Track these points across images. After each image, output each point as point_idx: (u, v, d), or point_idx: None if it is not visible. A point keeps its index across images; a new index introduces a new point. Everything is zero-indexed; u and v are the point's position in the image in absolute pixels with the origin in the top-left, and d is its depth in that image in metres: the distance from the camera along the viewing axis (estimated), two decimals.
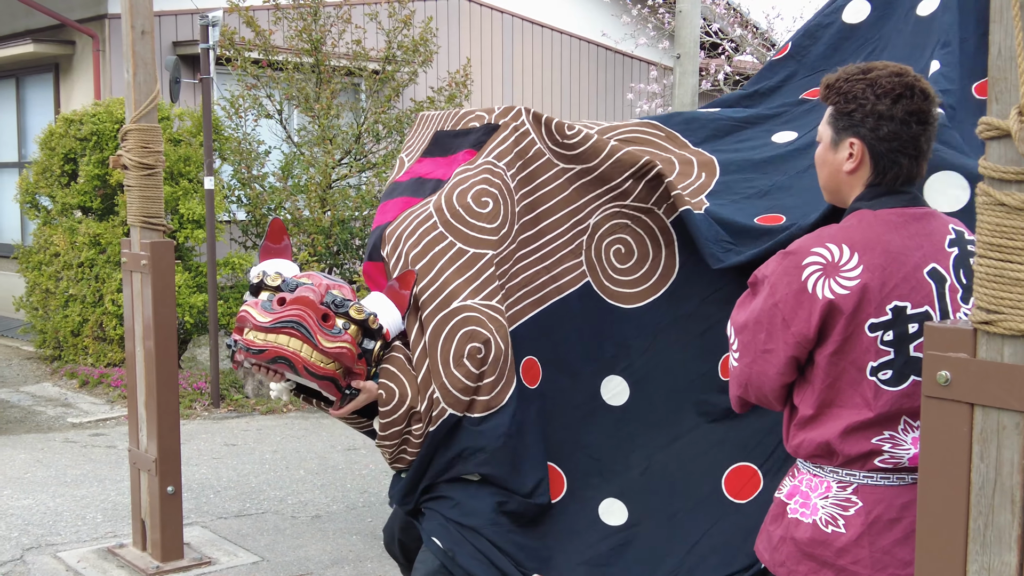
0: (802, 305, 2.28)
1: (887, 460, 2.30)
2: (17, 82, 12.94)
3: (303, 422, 8.59)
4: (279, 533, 5.74)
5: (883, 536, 2.29)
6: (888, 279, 2.26)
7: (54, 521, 5.85)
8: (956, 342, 1.86)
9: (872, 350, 2.27)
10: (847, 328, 2.26)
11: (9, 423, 8.32)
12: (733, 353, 2.47)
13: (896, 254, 2.29)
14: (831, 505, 2.34)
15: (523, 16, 14.96)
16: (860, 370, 2.28)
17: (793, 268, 2.31)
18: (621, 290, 3.78)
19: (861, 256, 2.27)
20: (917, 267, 2.30)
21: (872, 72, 2.35)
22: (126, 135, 5.03)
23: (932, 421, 1.89)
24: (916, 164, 2.37)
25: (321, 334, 3.30)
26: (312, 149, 10.21)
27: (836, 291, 2.25)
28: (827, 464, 2.36)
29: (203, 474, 6.88)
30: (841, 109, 2.38)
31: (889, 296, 2.26)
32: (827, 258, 2.28)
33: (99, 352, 9.76)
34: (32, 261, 10.55)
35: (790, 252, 2.34)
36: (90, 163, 9.65)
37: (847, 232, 2.32)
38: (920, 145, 2.36)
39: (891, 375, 2.28)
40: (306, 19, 10.19)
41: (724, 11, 14.94)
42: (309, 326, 3.29)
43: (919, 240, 2.33)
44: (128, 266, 5.19)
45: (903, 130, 2.33)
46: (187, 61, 11.15)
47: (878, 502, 2.30)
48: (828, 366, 2.30)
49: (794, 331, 2.30)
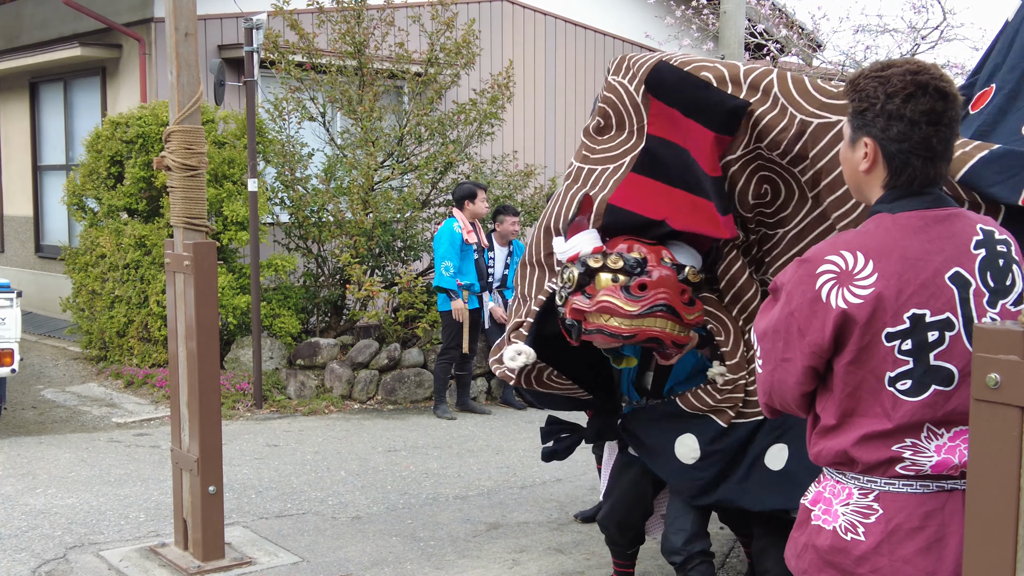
0: (816, 315, 2.24)
1: (908, 467, 2.23)
2: (65, 85, 13.10)
3: (344, 423, 8.62)
4: (319, 534, 5.75)
5: (904, 545, 2.23)
6: (905, 287, 2.20)
7: (97, 520, 5.90)
8: (1006, 344, 1.82)
9: (890, 360, 2.20)
10: (862, 338, 2.20)
11: (55, 423, 8.41)
12: (757, 360, 2.43)
13: (914, 260, 2.21)
14: (852, 512, 2.29)
15: (565, 18, 14.93)
16: (879, 380, 2.22)
17: (808, 277, 2.25)
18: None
19: (876, 264, 2.21)
20: (937, 272, 2.22)
21: (888, 69, 2.29)
22: (169, 136, 5.06)
23: (981, 424, 1.84)
24: (932, 165, 2.28)
25: (683, 310, 3.65)
26: (355, 151, 10.24)
27: (850, 300, 2.20)
28: (849, 471, 2.31)
29: (245, 474, 6.91)
30: (856, 108, 2.33)
31: (906, 304, 2.19)
32: (841, 266, 2.22)
33: (144, 353, 9.85)
34: (79, 262, 10.67)
35: (806, 260, 2.29)
36: (136, 165, 9.75)
37: (863, 239, 2.26)
38: (933, 146, 2.26)
39: (910, 385, 2.21)
40: (349, 22, 10.22)
41: (769, 12, 14.83)
42: (675, 306, 3.62)
43: (940, 244, 2.25)
44: (171, 267, 5.22)
45: (913, 131, 2.25)
46: (232, 64, 11.23)
47: (900, 510, 2.24)
48: (846, 375, 2.25)
49: (809, 340, 2.25)
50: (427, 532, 5.80)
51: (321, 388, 9.45)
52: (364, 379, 9.45)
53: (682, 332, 3.68)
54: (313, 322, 10.29)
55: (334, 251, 9.99)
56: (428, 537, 5.71)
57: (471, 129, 10.70)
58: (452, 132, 10.61)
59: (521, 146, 13.83)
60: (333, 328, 10.20)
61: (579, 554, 5.49)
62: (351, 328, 10.05)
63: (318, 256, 10.31)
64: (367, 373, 9.48)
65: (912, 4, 13.89)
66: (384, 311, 9.88)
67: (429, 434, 8.33)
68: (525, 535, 5.80)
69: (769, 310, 2.39)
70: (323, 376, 9.50)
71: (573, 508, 6.28)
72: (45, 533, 5.65)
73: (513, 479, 6.98)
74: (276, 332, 9.49)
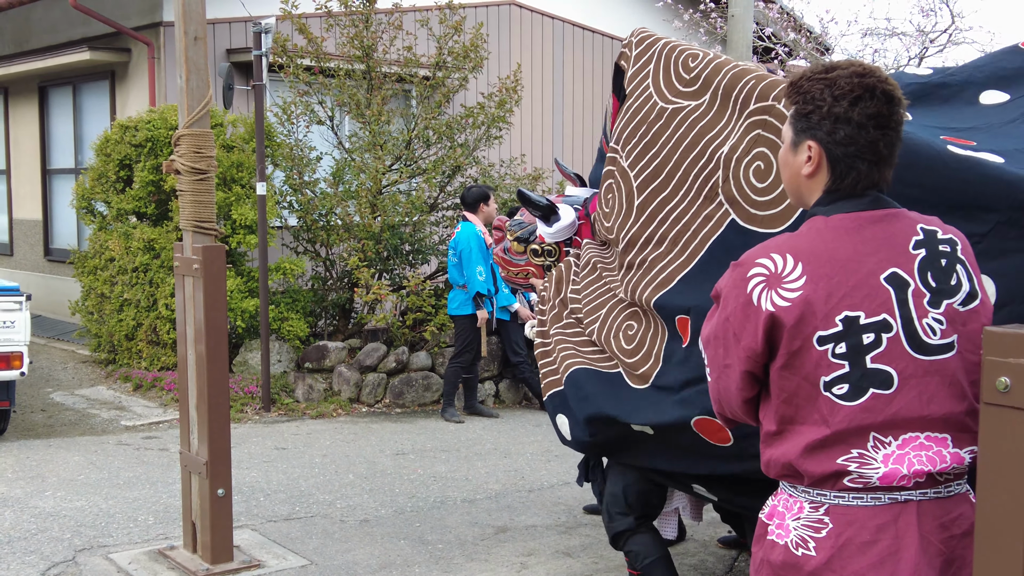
0: (748, 318, 2.20)
1: (855, 480, 2.16)
2: (74, 89, 13.14)
3: (352, 427, 8.63)
4: (327, 537, 5.75)
5: (855, 560, 2.15)
6: (835, 289, 2.14)
7: (106, 523, 5.91)
8: (1016, 347, 1.81)
9: (824, 364, 2.15)
10: (791, 342, 2.16)
11: (64, 425, 8.43)
12: (705, 368, 2.40)
13: (845, 261, 2.17)
14: (802, 527, 2.22)
15: (573, 21, 14.94)
16: (814, 385, 2.16)
17: (740, 280, 2.22)
18: (763, 212, 3.48)
19: (805, 266, 2.16)
20: (872, 273, 2.17)
21: (834, 72, 2.24)
22: (179, 140, 5.07)
23: (991, 428, 1.84)
24: (876, 169, 2.23)
25: (498, 245, 5.07)
26: (363, 155, 10.26)
27: (777, 303, 2.15)
28: (799, 484, 2.25)
29: (253, 477, 6.92)
30: (800, 110, 2.28)
31: (838, 307, 2.14)
32: (770, 269, 2.18)
33: (153, 356, 9.86)
34: (88, 266, 10.70)
35: (739, 264, 2.25)
36: (145, 169, 9.77)
37: (794, 241, 2.23)
38: (879, 150, 2.22)
39: (847, 389, 2.14)
40: (358, 26, 10.24)
41: (777, 15, 14.82)
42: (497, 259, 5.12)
43: (875, 245, 2.20)
44: (180, 270, 5.23)
45: (860, 134, 2.20)
46: (240, 68, 11.25)
47: (850, 524, 2.17)
48: (781, 380, 2.20)
49: (744, 345, 2.21)
50: (435, 535, 5.80)
51: (329, 391, 9.46)
52: (372, 382, 9.45)
53: (511, 274, 4.99)
54: (321, 325, 10.30)
55: (342, 254, 10.00)
56: (436, 540, 5.72)
57: (479, 133, 10.71)
58: (460, 136, 10.61)
59: (529, 149, 13.83)
60: (341, 331, 10.21)
61: (587, 557, 5.49)
62: (359, 331, 10.05)
63: (326, 259, 10.32)
64: (375, 376, 9.49)
65: (921, 8, 13.86)
66: (392, 314, 9.89)
67: (437, 437, 8.33)
68: (533, 538, 5.80)
69: (712, 317, 2.36)
70: (331, 379, 9.50)
71: (581, 512, 6.28)
72: (54, 536, 5.67)
73: (521, 482, 6.98)
74: (284, 335, 9.51)
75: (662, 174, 3.84)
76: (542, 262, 4.78)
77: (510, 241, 4.98)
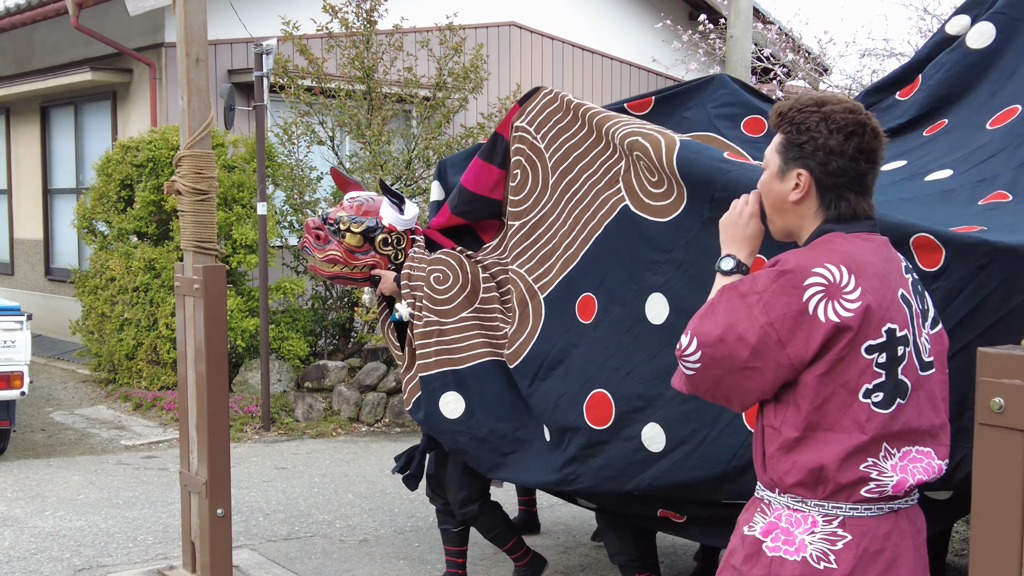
0: (801, 326, 2.23)
1: (873, 489, 2.25)
2: (76, 109, 13.19)
3: (352, 446, 8.62)
4: (327, 557, 5.75)
5: (870, 569, 2.25)
6: (882, 300, 2.24)
7: (105, 543, 5.91)
8: (1010, 368, 1.83)
9: (868, 372, 2.23)
10: (843, 349, 2.22)
11: (64, 445, 8.43)
12: (691, 362, 2.34)
13: (883, 276, 2.28)
14: (820, 540, 2.27)
15: (573, 42, 15.00)
16: (852, 392, 2.23)
17: (791, 288, 2.24)
18: (654, 203, 3.80)
19: (858, 277, 2.24)
20: (895, 289, 2.30)
21: (826, 106, 2.34)
22: (180, 161, 5.10)
23: (985, 449, 1.85)
24: (862, 200, 2.36)
25: (316, 250, 4.93)
26: (363, 175, 10.29)
27: (842, 315, 2.21)
28: (810, 496, 2.29)
29: (253, 497, 6.92)
30: (792, 139, 2.36)
31: (884, 318, 2.24)
32: (829, 279, 2.23)
33: (153, 375, 9.87)
34: (88, 285, 10.71)
35: (787, 271, 2.26)
36: (146, 189, 9.80)
37: (839, 255, 2.27)
38: (866, 183, 2.36)
39: (882, 397, 2.24)
40: (358, 47, 10.29)
41: (776, 36, 14.86)
42: (310, 247, 4.96)
43: (890, 265, 2.33)
44: (181, 290, 5.25)
45: (852, 167, 2.32)
46: (241, 89, 11.30)
47: (864, 534, 2.26)
48: (818, 386, 2.24)
49: (790, 352, 2.24)
50: (435, 555, 5.80)
51: (329, 411, 9.46)
52: (372, 402, 9.45)
53: (321, 266, 4.96)
54: (321, 345, 10.31)
55: None
56: (436, 560, 5.71)
57: None
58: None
59: None
60: (341, 351, 10.22)
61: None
62: (359, 351, 10.06)
63: (326, 279, 10.33)
64: (375, 396, 9.49)
65: (919, 29, 13.90)
66: None
67: None
68: None
69: (719, 314, 2.32)
70: (331, 399, 9.51)
71: (580, 531, 6.28)
72: (54, 556, 5.67)
73: None
74: (284, 355, 9.51)
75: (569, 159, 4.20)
76: (391, 252, 4.86)
77: (351, 236, 4.88)
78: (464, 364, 4.49)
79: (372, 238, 4.86)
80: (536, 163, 4.34)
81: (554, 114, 4.31)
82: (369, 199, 4.97)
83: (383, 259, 4.89)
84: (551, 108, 4.33)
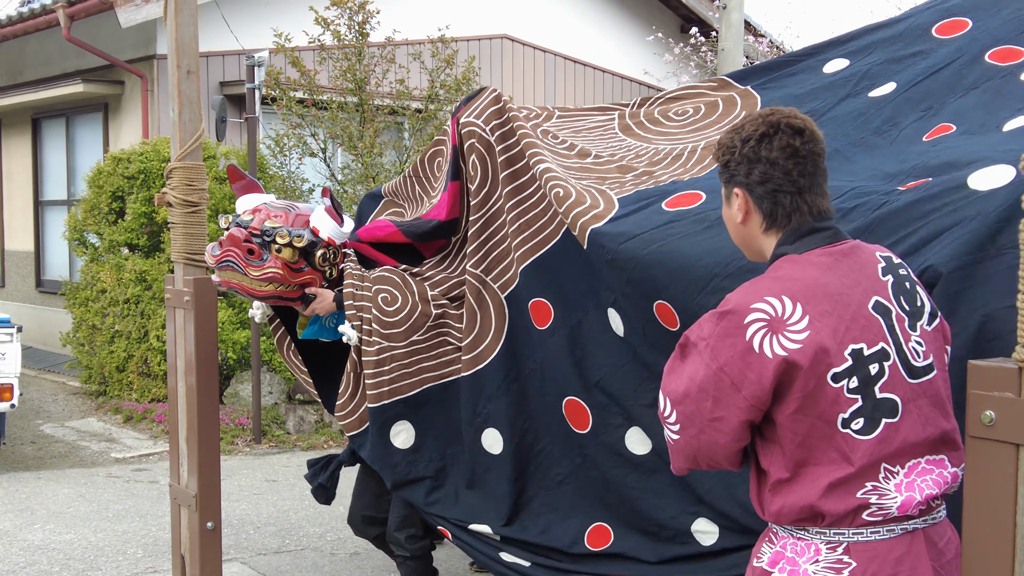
0: (750, 366, 2.14)
1: (875, 513, 2.16)
2: (67, 121, 13.18)
3: None
4: (317, 570, 5.73)
5: None
6: (838, 324, 2.15)
7: (95, 556, 5.88)
8: (1000, 381, 1.82)
9: (840, 400, 2.14)
10: (806, 383, 2.13)
11: (54, 458, 8.40)
12: (671, 426, 2.29)
13: (837, 296, 2.18)
14: (823, 569, 2.19)
15: (564, 55, 15.03)
16: (830, 424, 2.14)
17: (734, 328, 2.16)
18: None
19: (804, 305, 2.15)
20: (861, 305, 2.19)
21: (742, 120, 2.36)
22: (171, 173, 5.08)
23: (976, 462, 1.84)
24: (801, 199, 2.28)
25: (249, 267, 4.20)
26: (355, 187, 10.29)
27: (788, 347, 2.12)
28: (812, 526, 2.21)
29: (243, 510, 6.89)
30: (721, 163, 2.37)
31: (844, 341, 2.14)
32: (770, 313, 2.15)
33: (143, 388, 9.84)
34: (79, 297, 10.69)
35: (728, 312, 2.19)
36: (137, 201, 9.79)
37: (782, 283, 2.20)
38: (796, 180, 2.27)
39: (863, 423, 2.14)
40: (351, 59, 10.30)
41: (767, 49, 14.94)
42: (239, 262, 4.20)
43: (855, 276, 2.22)
44: (171, 302, 5.23)
45: (773, 169, 2.27)
46: (233, 101, 11.30)
47: (871, 560, 2.16)
48: (793, 424, 2.16)
49: (746, 394, 2.15)
50: None
51: (320, 423, 9.43)
52: None
53: (259, 285, 4.24)
54: None
55: None
56: None
57: None
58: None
59: None
60: None
61: None
62: None
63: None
64: None
65: None
66: None
67: None
68: None
69: (682, 369, 2.27)
70: (322, 411, 9.48)
71: None
72: (43, 569, 5.63)
73: None
74: (276, 367, 9.49)
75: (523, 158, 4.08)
76: (327, 269, 4.34)
77: (288, 251, 4.22)
78: (413, 391, 4.26)
79: (312, 253, 4.28)
80: (487, 158, 4.12)
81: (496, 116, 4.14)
82: (289, 207, 4.38)
83: (318, 276, 4.34)
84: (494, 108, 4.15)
